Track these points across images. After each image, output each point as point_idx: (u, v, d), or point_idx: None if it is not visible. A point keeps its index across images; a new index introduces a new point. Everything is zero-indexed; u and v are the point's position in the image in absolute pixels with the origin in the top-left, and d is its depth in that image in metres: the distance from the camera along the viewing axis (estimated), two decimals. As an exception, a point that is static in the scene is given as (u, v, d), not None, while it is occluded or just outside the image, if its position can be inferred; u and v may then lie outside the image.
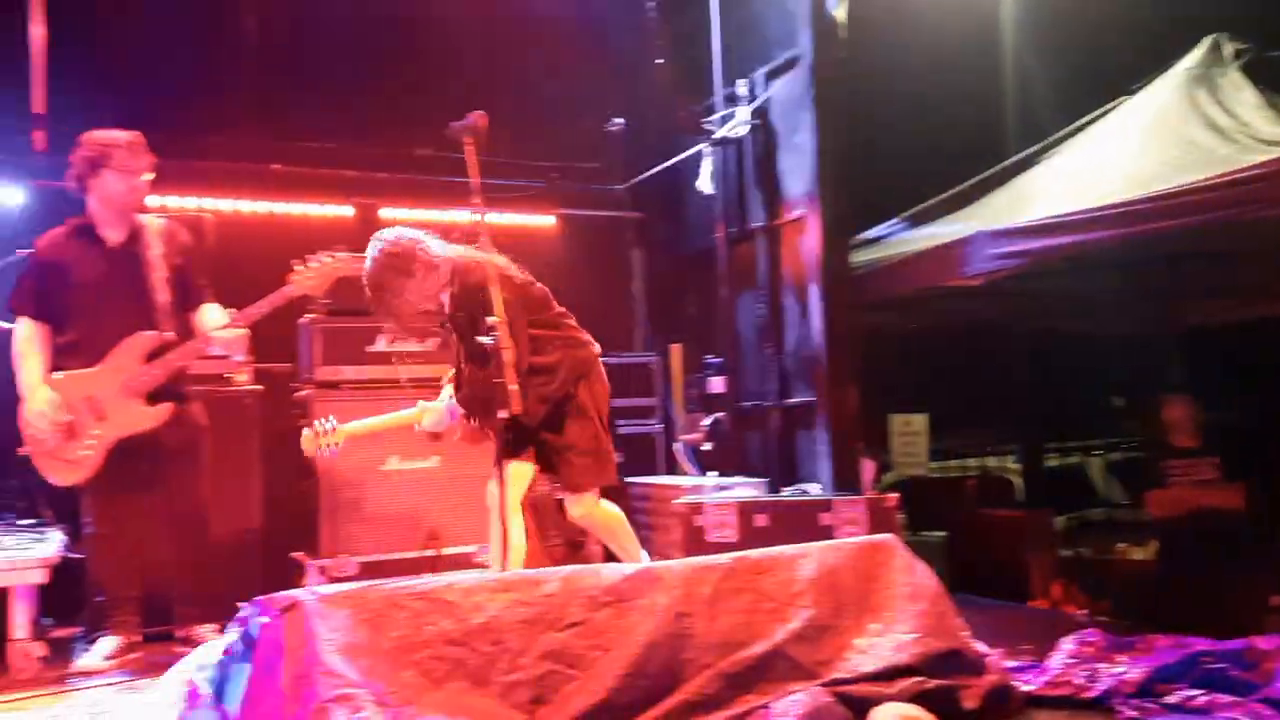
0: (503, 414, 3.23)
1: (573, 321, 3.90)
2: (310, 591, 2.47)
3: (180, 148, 5.52)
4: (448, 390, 4.04)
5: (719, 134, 6.05)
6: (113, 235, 3.99)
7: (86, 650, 3.83)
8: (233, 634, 2.48)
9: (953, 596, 2.94)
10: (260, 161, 6.13)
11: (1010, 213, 5.01)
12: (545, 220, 6.87)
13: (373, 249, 3.72)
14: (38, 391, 3.82)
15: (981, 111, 7.64)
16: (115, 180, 3.91)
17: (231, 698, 2.41)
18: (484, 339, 3.30)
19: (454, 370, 3.93)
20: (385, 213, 6.45)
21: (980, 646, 2.88)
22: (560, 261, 6.75)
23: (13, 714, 3.21)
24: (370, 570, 4.45)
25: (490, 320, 3.28)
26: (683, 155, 6.42)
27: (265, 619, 2.41)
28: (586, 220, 7.03)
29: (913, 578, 2.89)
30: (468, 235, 5.08)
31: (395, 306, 3.71)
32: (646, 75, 6.61)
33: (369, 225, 6.30)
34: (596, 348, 3.91)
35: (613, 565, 2.84)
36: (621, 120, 6.92)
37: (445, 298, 3.76)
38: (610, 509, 4.00)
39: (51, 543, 4.11)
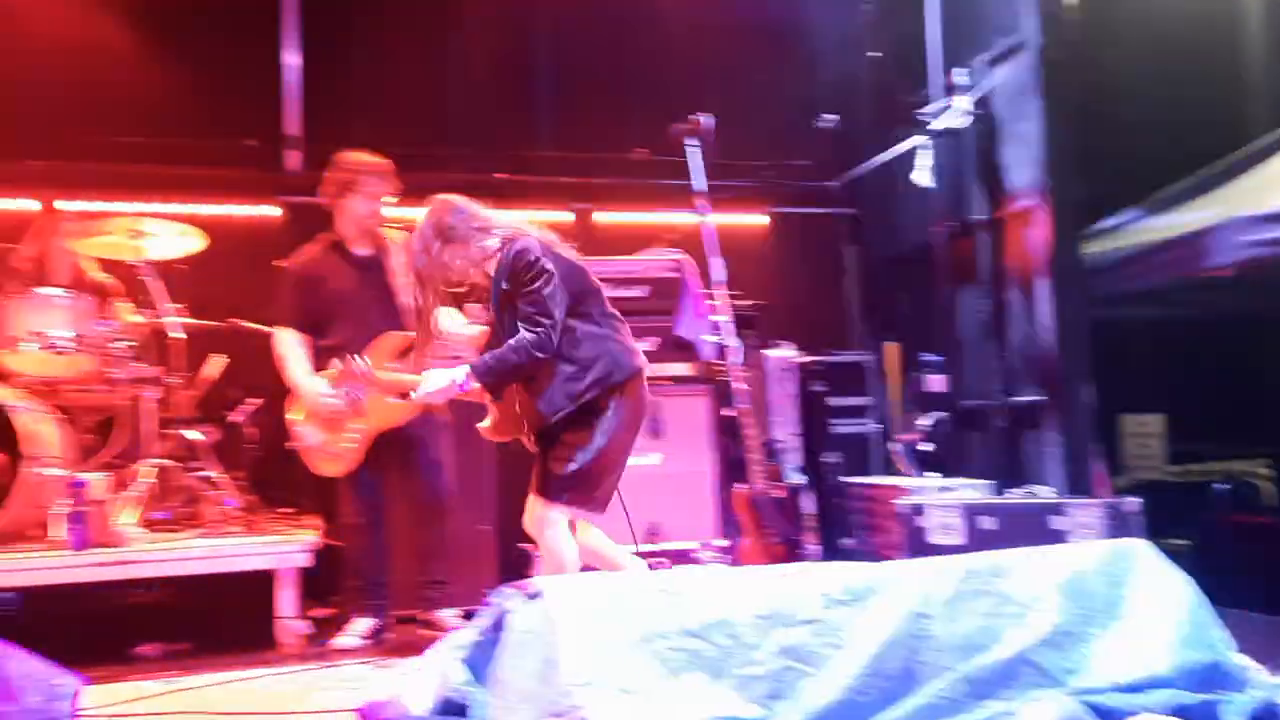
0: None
1: (624, 326, 3.56)
2: (556, 581, 2.59)
3: (412, 162, 5.90)
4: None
5: (936, 125, 5.89)
6: (360, 249, 4.31)
7: (343, 630, 4.14)
8: (484, 618, 2.63)
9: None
10: (483, 172, 6.43)
11: (1259, 198, 4.64)
12: (757, 219, 6.89)
13: (421, 215, 3.60)
14: (307, 387, 4.16)
15: (1222, 93, 7.09)
16: (361, 203, 4.23)
17: (484, 678, 2.56)
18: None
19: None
20: (600, 217, 6.65)
21: (1243, 660, 2.70)
22: (772, 261, 6.77)
23: (282, 684, 3.51)
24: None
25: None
26: (898, 149, 6.29)
27: (514, 605, 2.54)
28: (798, 218, 7.00)
29: (1166, 584, 2.73)
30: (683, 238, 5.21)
31: (438, 274, 3.51)
32: (859, 68, 6.52)
33: (587, 231, 6.53)
34: (642, 361, 3.53)
35: (847, 563, 2.82)
36: (834, 116, 6.85)
37: (492, 268, 3.50)
38: (564, 544, 3.46)
39: (312, 530, 4.47)
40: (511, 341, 3.32)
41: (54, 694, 2.03)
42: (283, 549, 4.10)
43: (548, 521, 3.43)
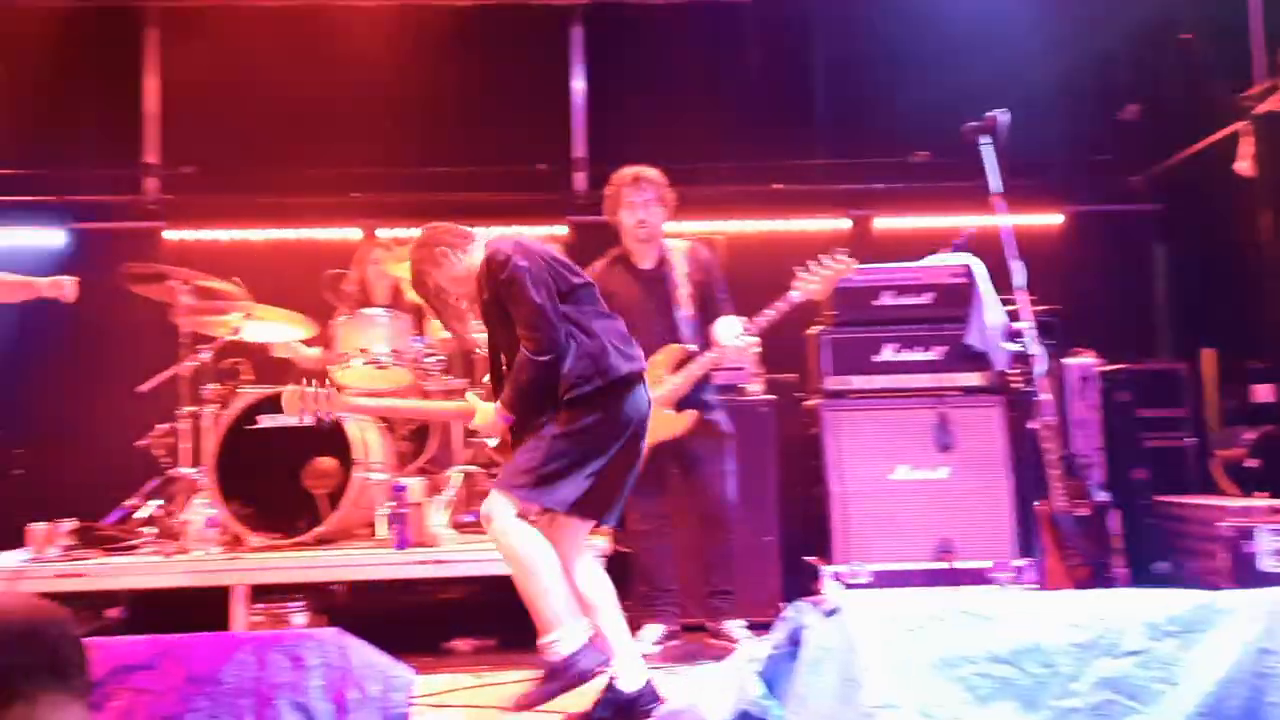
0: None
1: (614, 326, 3.32)
2: (851, 598, 2.54)
3: (692, 176, 6.02)
4: None
5: (1261, 109, 5.32)
6: (643, 261, 4.43)
7: (635, 635, 4.24)
8: (779, 632, 2.62)
9: None
10: (760, 183, 6.46)
11: None
12: (1050, 219, 6.50)
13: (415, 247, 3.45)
14: None
15: None
16: (626, 215, 4.34)
17: (781, 693, 2.54)
18: None
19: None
20: (880, 223, 6.51)
21: None
22: (1067, 262, 6.36)
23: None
24: (884, 580, 4.48)
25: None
26: (1214, 137, 5.74)
27: (810, 621, 2.51)
28: (1098, 216, 6.54)
29: None
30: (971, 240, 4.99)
31: (437, 304, 3.39)
32: (1166, 53, 6.01)
33: (865, 237, 6.42)
34: (631, 366, 3.25)
35: (1168, 590, 2.59)
36: (1137, 106, 6.35)
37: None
38: (515, 538, 3.12)
39: (603, 536, 4.63)
40: (516, 362, 3.15)
41: (392, 684, 2.21)
42: (578, 554, 4.26)
43: (492, 513, 3.12)
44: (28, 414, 5.79)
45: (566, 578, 3.17)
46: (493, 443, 3.38)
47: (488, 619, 4.61)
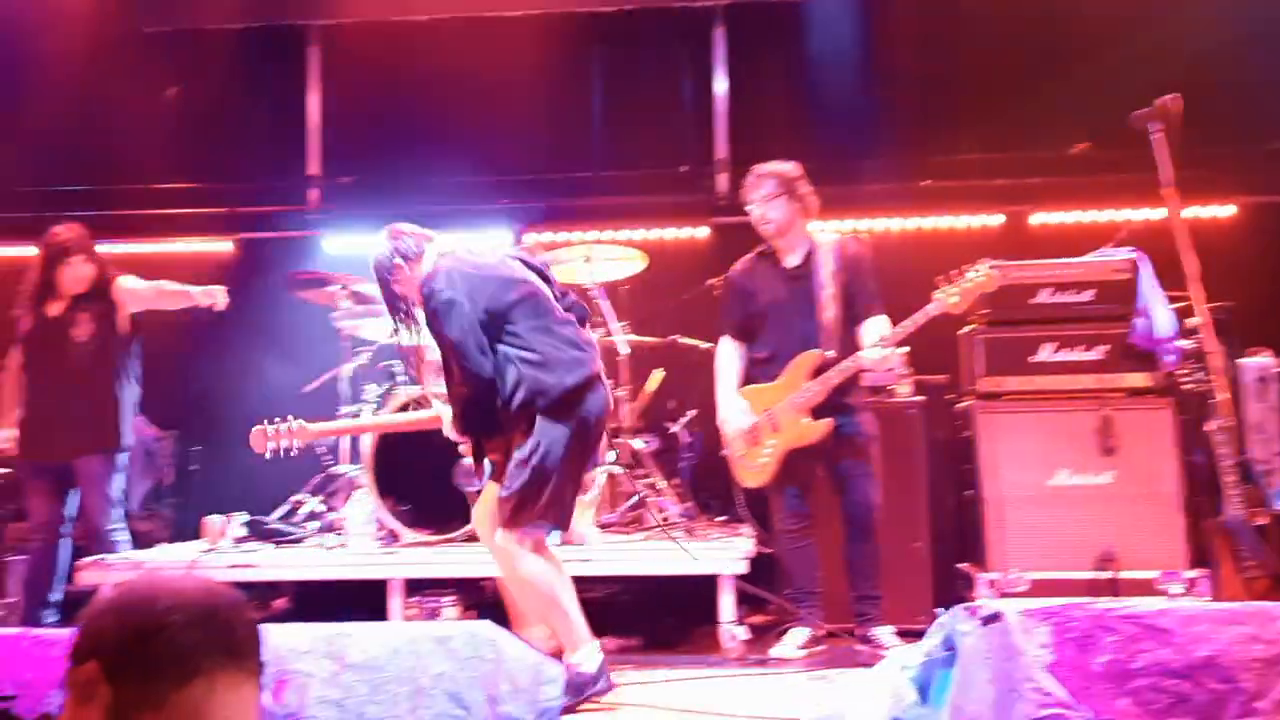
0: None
1: (565, 332, 3.37)
2: (1010, 604, 2.44)
3: (838, 175, 5.92)
4: None
5: None
6: (790, 258, 4.36)
7: (780, 639, 4.21)
8: (934, 638, 2.54)
9: None
10: (908, 180, 6.30)
11: None
12: (1222, 211, 6.12)
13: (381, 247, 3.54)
14: (726, 403, 4.32)
15: None
16: (753, 211, 4.30)
17: (936, 700, 2.47)
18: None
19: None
20: (1037, 218, 6.27)
21: None
22: (1242, 255, 5.97)
23: (724, 687, 3.63)
24: (1042, 588, 4.29)
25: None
26: None
27: (967, 628, 2.43)
28: (1274, 207, 6.12)
29: None
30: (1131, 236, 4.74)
31: (393, 310, 3.51)
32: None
33: (1018, 233, 6.19)
34: (592, 368, 3.36)
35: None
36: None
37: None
38: (535, 569, 3.33)
39: (747, 538, 4.61)
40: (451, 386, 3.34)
41: (542, 678, 2.24)
42: (722, 555, 4.25)
43: (509, 550, 3.33)
44: (203, 415, 6.14)
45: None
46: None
47: (631, 618, 4.64)
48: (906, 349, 4.62)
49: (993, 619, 2.38)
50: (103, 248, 4.79)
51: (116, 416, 4.55)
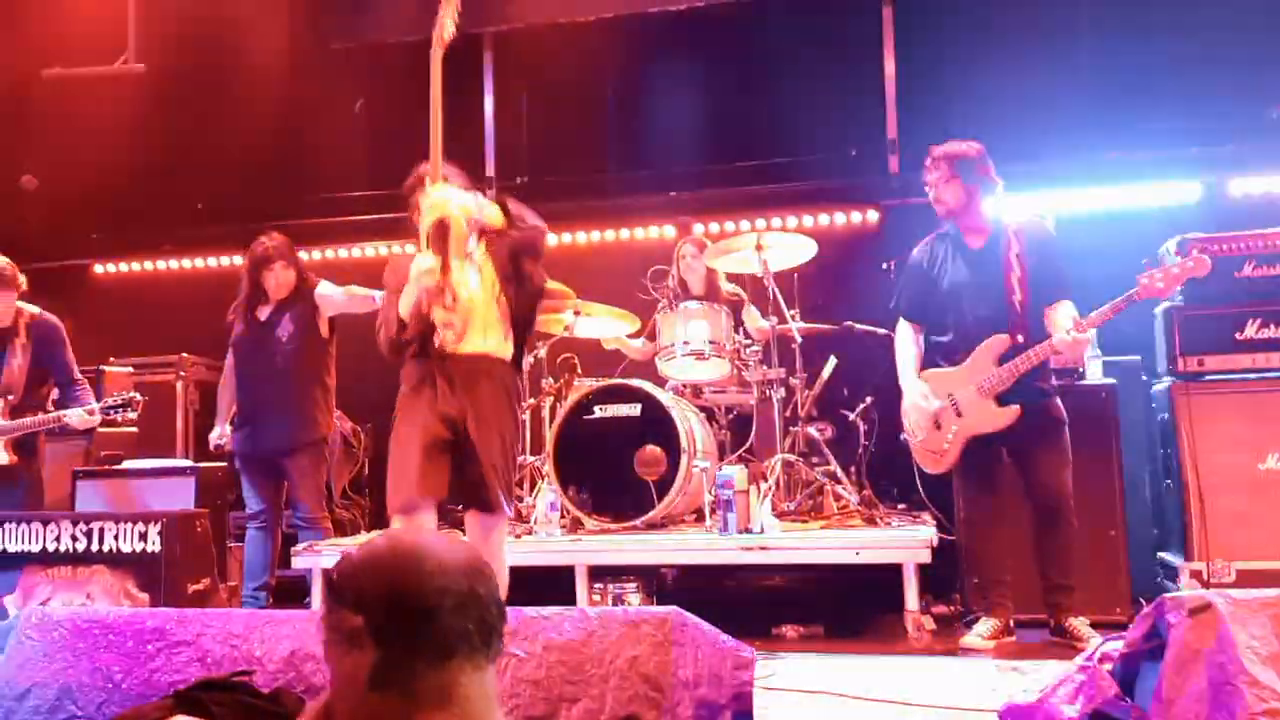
0: None
1: None
2: (1222, 594, 2.32)
3: (1015, 153, 5.71)
4: None
5: None
6: (972, 240, 4.24)
7: (967, 629, 4.12)
8: (1138, 630, 2.44)
9: None
10: (1095, 151, 6.02)
11: None
12: None
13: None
14: (910, 387, 4.24)
15: None
16: (929, 192, 4.19)
17: (1141, 694, 2.37)
18: None
19: None
20: (1238, 186, 5.88)
21: None
22: None
23: (913, 677, 3.58)
24: (1249, 579, 4.05)
25: None
26: None
27: (1175, 618, 2.32)
28: None
29: None
30: None
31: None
32: None
33: (1216, 204, 5.82)
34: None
35: None
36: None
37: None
38: None
39: (930, 525, 4.53)
40: None
41: (736, 661, 2.28)
42: (906, 543, 4.20)
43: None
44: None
45: None
46: None
47: (812, 606, 4.64)
48: (1093, 334, 4.42)
49: (1202, 609, 2.27)
50: (302, 255, 5.10)
51: (317, 410, 4.85)
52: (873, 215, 6.35)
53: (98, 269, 7.24)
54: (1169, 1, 5.93)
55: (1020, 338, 4.01)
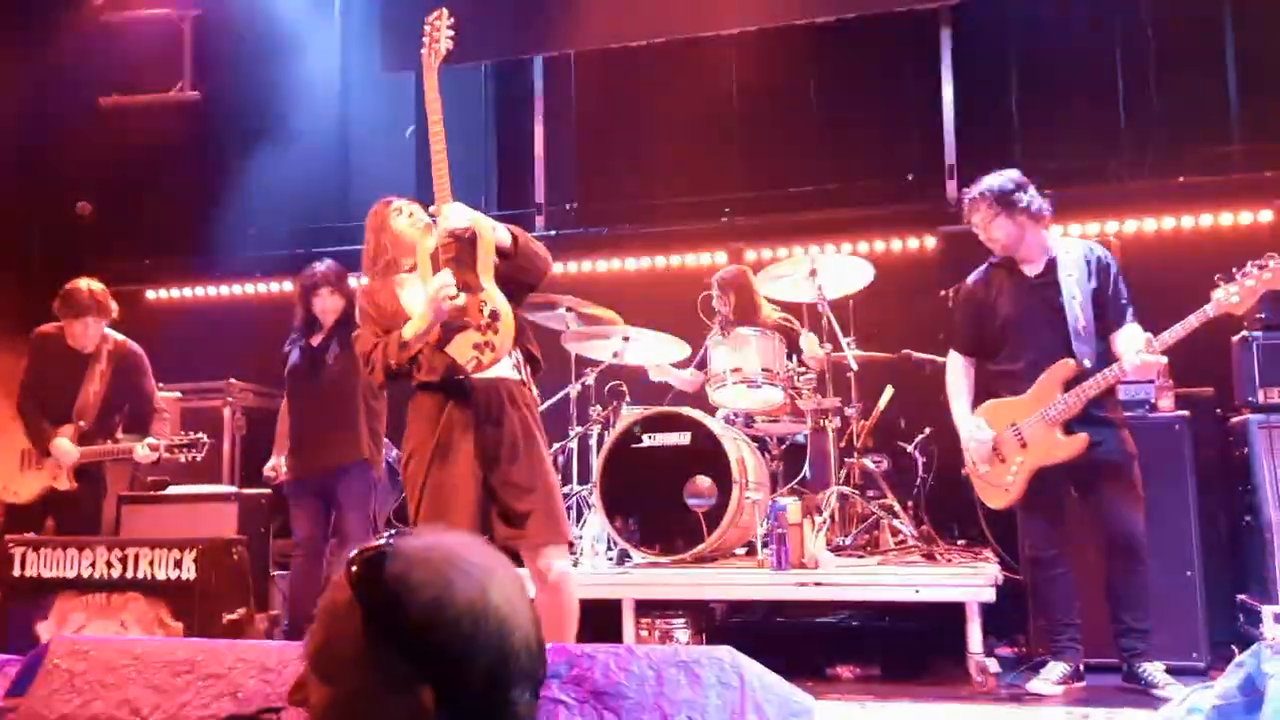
0: None
1: None
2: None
3: (1081, 176, 5.54)
4: None
5: None
6: (1030, 268, 4.09)
7: (1034, 673, 3.92)
8: (1230, 679, 2.25)
9: None
10: (1167, 177, 5.82)
11: None
12: None
13: None
14: (967, 420, 4.07)
15: None
16: (977, 233, 4.06)
17: (1235, 751, 2.19)
18: None
19: None
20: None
21: None
22: None
23: (977, 722, 3.40)
24: (1340, 625, 3.81)
25: None
26: None
27: (1274, 668, 2.14)
28: None
29: None
30: None
31: None
32: None
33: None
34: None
35: None
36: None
37: None
38: None
39: (993, 562, 4.33)
40: None
41: (791, 710, 2.14)
42: (968, 581, 4.01)
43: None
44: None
45: None
46: None
47: (869, 646, 4.46)
48: (1166, 359, 4.22)
49: (1305, 660, 2.09)
50: (353, 281, 5.07)
51: (364, 432, 4.80)
52: (930, 241, 6.19)
53: (149, 294, 7.29)
54: (1239, 23, 5.74)
55: (1087, 363, 3.84)
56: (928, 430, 5.11)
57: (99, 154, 6.90)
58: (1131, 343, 3.78)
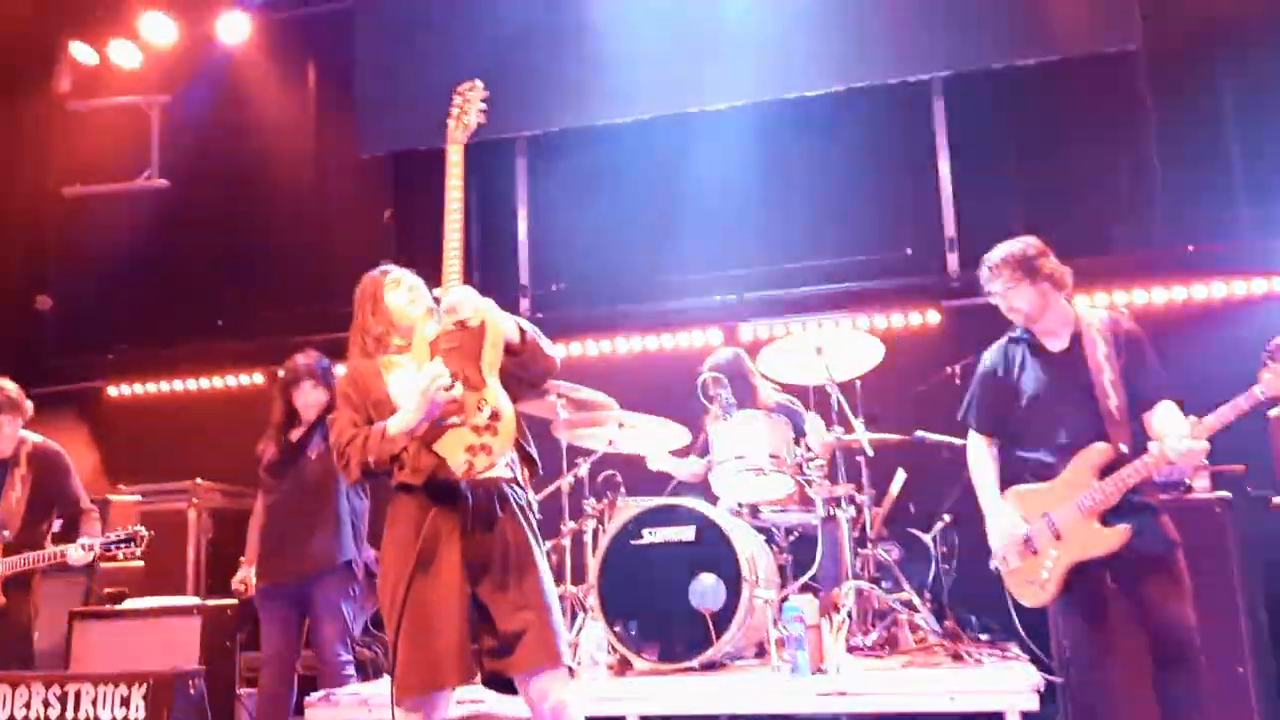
0: None
1: None
2: None
3: (1083, 244, 5.34)
4: None
5: None
6: (1052, 342, 3.82)
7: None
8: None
9: None
10: (1177, 246, 5.64)
11: None
12: None
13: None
14: (999, 511, 3.76)
15: None
16: (996, 303, 3.81)
17: None
18: None
19: None
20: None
21: None
22: None
23: None
24: None
25: None
26: None
27: None
28: None
29: None
30: None
31: None
32: None
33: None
34: None
35: None
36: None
37: None
38: None
39: (1024, 660, 3.99)
40: None
41: None
42: (1008, 686, 3.65)
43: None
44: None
45: None
46: None
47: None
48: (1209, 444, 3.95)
49: None
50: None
51: (345, 532, 4.48)
52: (933, 316, 5.98)
53: (111, 390, 6.94)
54: (1238, 87, 5.62)
55: (1123, 447, 3.54)
56: (947, 518, 4.81)
57: (61, 245, 6.63)
58: (1171, 424, 3.49)
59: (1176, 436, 3.43)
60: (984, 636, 4.75)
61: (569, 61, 6.30)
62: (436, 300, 2.87)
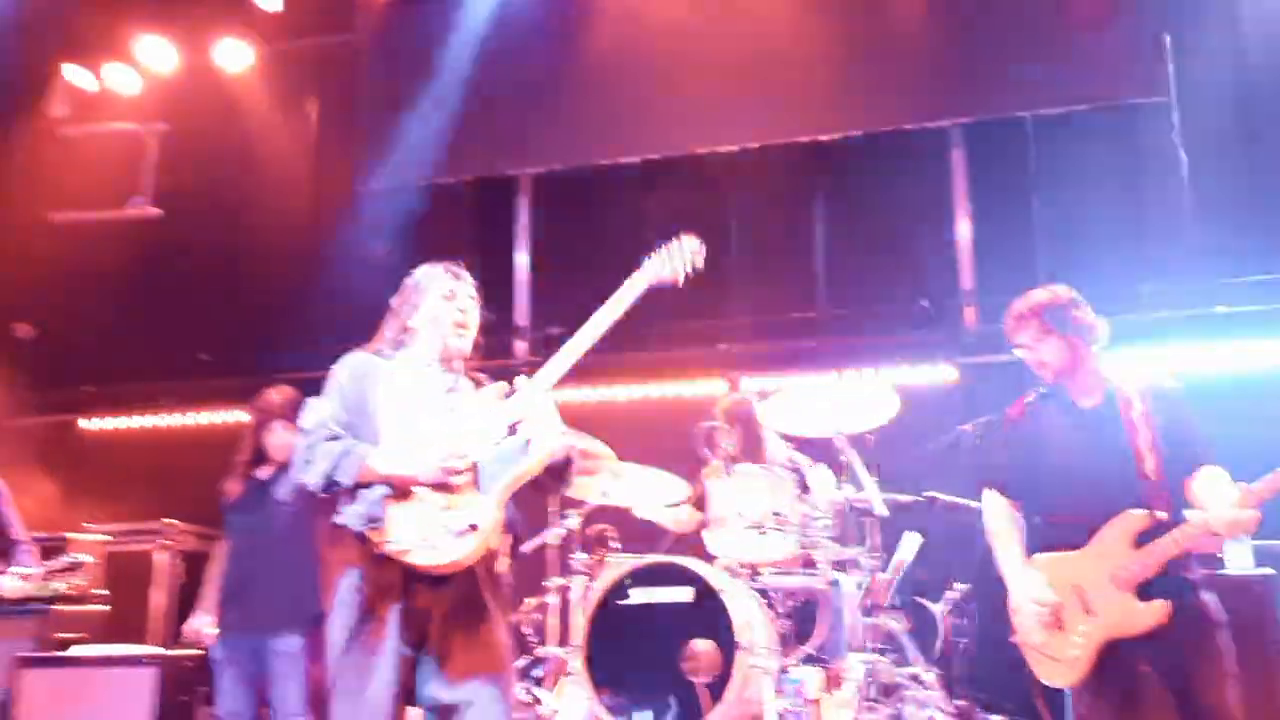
0: None
1: None
2: None
3: (1105, 302, 5.11)
4: None
5: None
6: (1083, 399, 3.55)
7: None
8: None
9: None
10: (1198, 305, 5.41)
11: None
12: None
13: None
14: (1023, 578, 3.47)
15: None
16: (1023, 355, 3.55)
17: None
18: None
19: None
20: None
21: None
22: None
23: None
24: None
25: None
26: None
27: None
28: None
29: None
30: None
31: None
32: None
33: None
34: None
35: None
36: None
37: None
38: None
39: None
40: None
41: None
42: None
43: None
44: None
45: None
46: None
47: None
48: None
49: None
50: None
51: (316, 582, 4.17)
52: (949, 373, 5.76)
53: (83, 424, 6.72)
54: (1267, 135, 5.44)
55: (1162, 514, 3.26)
56: (960, 587, 4.53)
57: (46, 272, 6.45)
58: (1218, 492, 3.20)
59: (1224, 505, 3.15)
60: (996, 718, 4.49)
61: (575, 99, 6.19)
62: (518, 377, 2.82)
